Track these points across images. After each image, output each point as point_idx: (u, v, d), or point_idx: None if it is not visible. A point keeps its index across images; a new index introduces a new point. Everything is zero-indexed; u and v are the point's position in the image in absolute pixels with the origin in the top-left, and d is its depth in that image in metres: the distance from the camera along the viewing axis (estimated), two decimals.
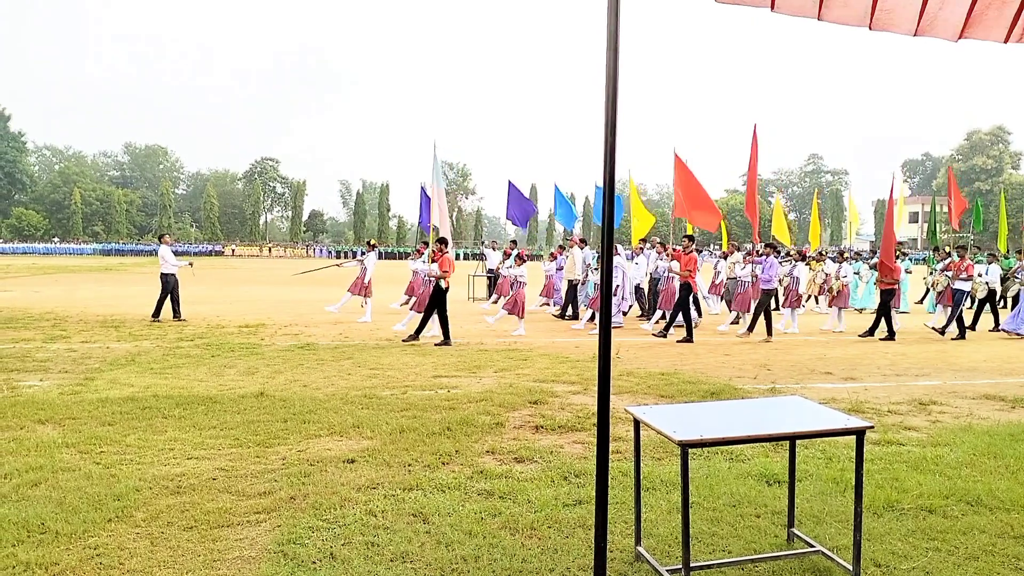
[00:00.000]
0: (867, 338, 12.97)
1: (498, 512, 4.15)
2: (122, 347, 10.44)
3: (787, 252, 17.71)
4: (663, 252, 15.27)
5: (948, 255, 15.74)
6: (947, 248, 17.67)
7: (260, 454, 5.24)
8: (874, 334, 13.10)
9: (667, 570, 3.30)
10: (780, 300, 16.33)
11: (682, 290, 12.63)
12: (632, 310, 16.06)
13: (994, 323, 15.09)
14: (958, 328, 13.61)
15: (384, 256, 67.10)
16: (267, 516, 4.07)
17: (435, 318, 11.43)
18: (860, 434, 3.26)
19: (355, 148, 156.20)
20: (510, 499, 4.38)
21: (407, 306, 13.76)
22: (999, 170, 79.03)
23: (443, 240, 12.24)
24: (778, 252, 16.42)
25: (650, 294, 15.70)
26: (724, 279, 16.11)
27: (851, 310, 16.74)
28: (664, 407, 3.60)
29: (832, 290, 14.84)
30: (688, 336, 12.29)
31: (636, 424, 3.49)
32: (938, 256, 16.72)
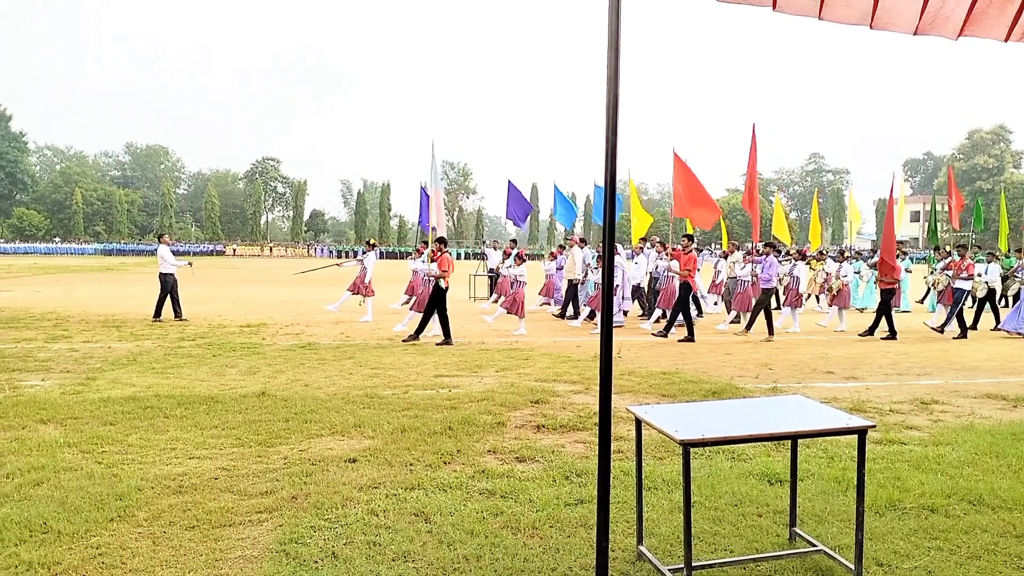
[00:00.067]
0: (867, 337, 12.96)
1: (500, 511, 4.16)
2: (123, 347, 10.46)
3: (787, 251, 17.68)
4: (663, 251, 15.28)
5: (948, 254, 15.73)
6: (947, 247, 17.65)
7: (262, 453, 5.24)
8: (874, 333, 13.07)
9: (669, 569, 3.30)
10: (780, 299, 16.33)
11: (682, 290, 12.64)
12: (632, 308, 16.07)
13: (995, 322, 15.08)
14: (959, 327, 13.60)
15: (385, 256, 67.16)
16: (269, 515, 4.08)
17: (435, 318, 11.44)
18: (862, 433, 3.26)
19: (355, 148, 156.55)
20: (512, 498, 4.38)
21: (407, 306, 13.77)
22: (1000, 169, 78.97)
23: (442, 239, 12.26)
24: (779, 252, 16.41)
25: (650, 293, 15.71)
26: (724, 279, 16.10)
27: (853, 310, 16.73)
28: (666, 406, 3.60)
29: (832, 289, 14.83)
30: (690, 335, 12.29)
31: (638, 423, 3.49)
32: (939, 255, 16.72)
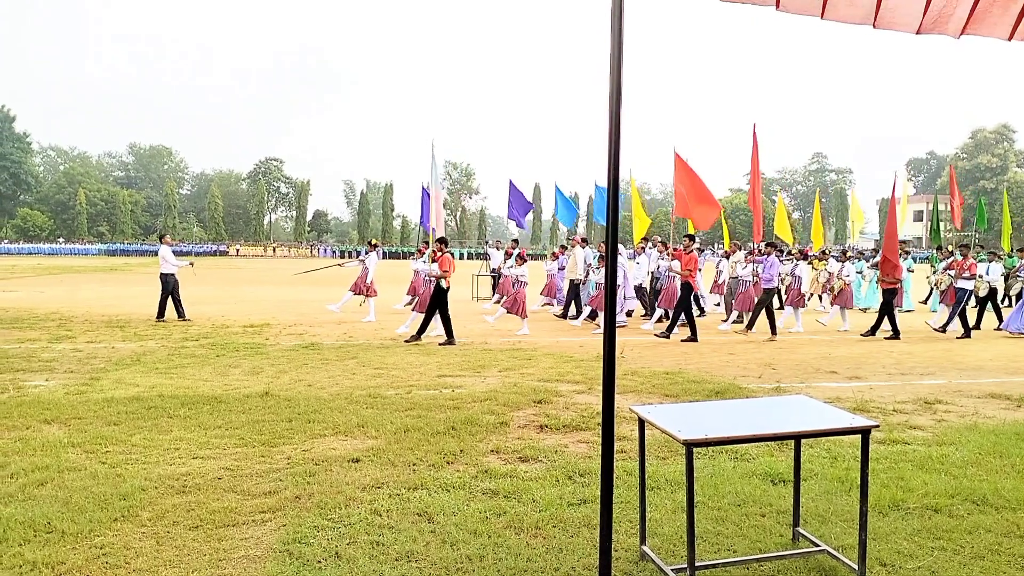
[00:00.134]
0: (870, 337, 12.92)
1: (503, 511, 4.16)
2: (127, 347, 10.48)
3: (788, 251, 17.63)
4: (664, 251, 15.24)
5: (951, 254, 15.68)
6: (949, 247, 17.59)
7: (265, 453, 5.25)
8: (875, 333, 13.03)
9: (672, 569, 3.30)
10: (782, 299, 16.28)
11: (683, 290, 12.61)
12: (636, 308, 16.06)
13: (997, 321, 15.05)
14: (963, 327, 13.56)
15: (388, 256, 67.24)
16: (272, 515, 4.08)
17: (437, 318, 11.44)
18: (865, 433, 3.25)
19: (356, 148, 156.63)
20: (515, 498, 4.38)
21: (410, 307, 13.76)
22: (1004, 168, 78.68)
23: (443, 240, 12.25)
24: (781, 251, 16.37)
25: (651, 293, 15.68)
26: (726, 279, 16.07)
27: (856, 310, 16.70)
28: (669, 406, 3.60)
29: (834, 289, 14.79)
30: (692, 335, 12.27)
31: (641, 423, 3.49)
32: (941, 255, 16.67)
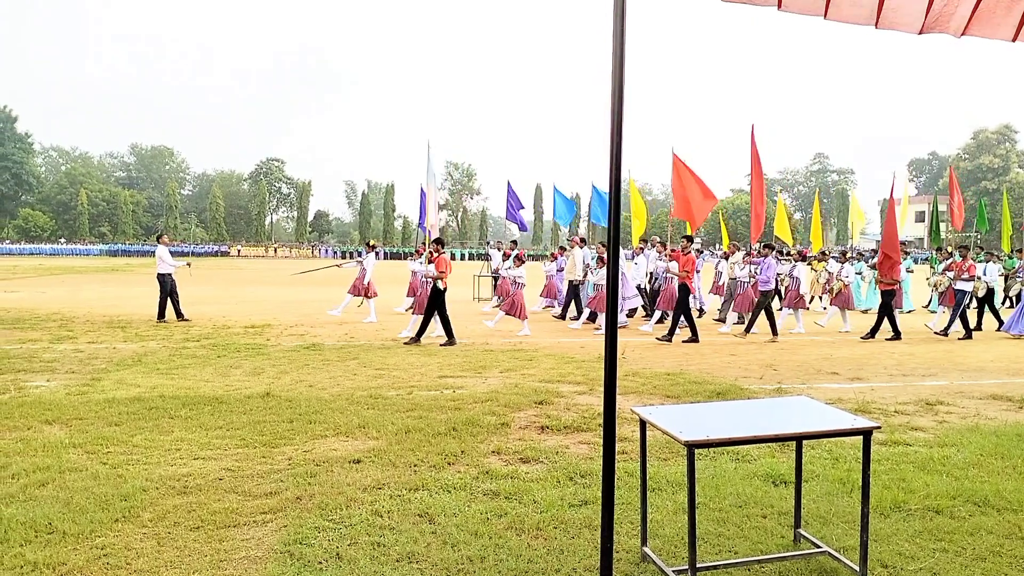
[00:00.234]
0: (870, 340, 12.87)
1: (504, 512, 4.15)
2: (128, 348, 10.48)
3: (787, 251, 17.58)
4: (663, 252, 15.21)
5: (950, 255, 15.63)
6: (949, 248, 17.55)
7: (266, 454, 5.25)
8: (875, 335, 12.97)
9: (673, 571, 3.29)
10: (782, 299, 16.24)
11: (681, 291, 12.57)
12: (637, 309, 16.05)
13: (997, 323, 15.03)
14: (963, 328, 13.53)
15: (389, 256, 67.34)
16: (273, 516, 4.08)
17: (436, 319, 11.42)
18: (867, 434, 3.25)
19: (356, 148, 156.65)
20: (516, 499, 4.38)
21: (411, 311, 13.72)
22: (1006, 169, 78.62)
23: (439, 240, 12.22)
24: (781, 252, 16.34)
25: (649, 294, 15.65)
26: (726, 280, 16.04)
27: (857, 311, 16.67)
28: (670, 407, 3.60)
29: (833, 290, 14.76)
30: (693, 336, 12.27)
31: (642, 424, 3.48)
32: (941, 256, 16.63)
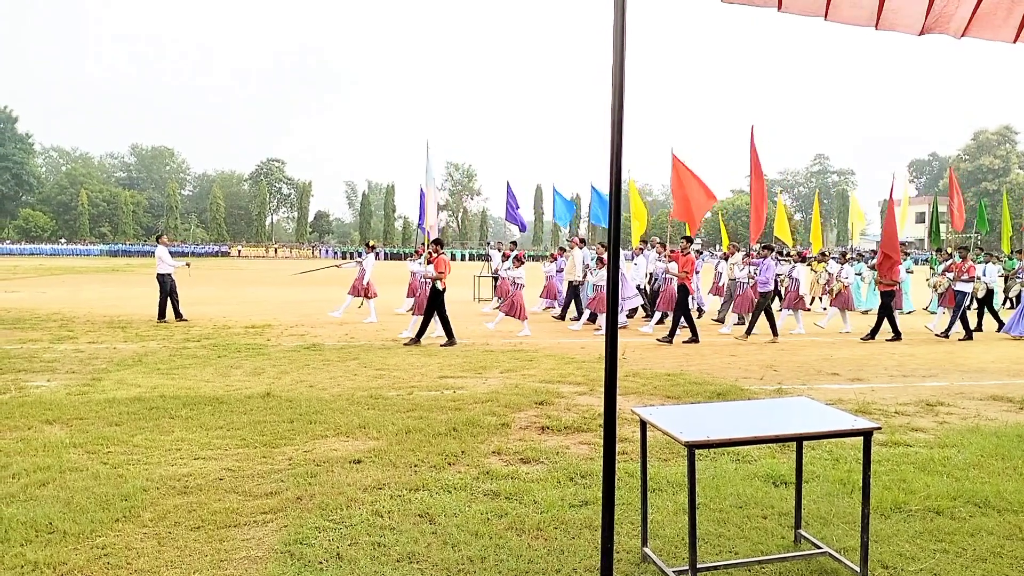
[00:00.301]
0: (869, 341, 12.85)
1: (504, 513, 4.15)
2: (129, 348, 10.49)
3: (787, 252, 17.56)
4: (663, 252, 15.20)
5: (950, 256, 15.61)
6: (948, 249, 17.52)
7: (267, 454, 5.25)
8: (875, 337, 12.95)
9: (674, 571, 3.29)
10: (783, 299, 16.22)
11: (680, 292, 12.55)
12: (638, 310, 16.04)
13: (996, 323, 15.03)
14: (964, 329, 13.52)
15: (390, 257, 67.40)
16: (274, 516, 4.08)
17: (436, 320, 11.41)
18: (867, 435, 3.25)
19: (356, 148, 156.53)
20: (516, 500, 4.38)
21: (411, 312, 13.69)
22: (1006, 170, 78.56)
23: (438, 241, 12.21)
24: (781, 253, 16.32)
25: (649, 295, 15.64)
26: (726, 281, 16.03)
27: (857, 312, 16.66)
28: (670, 408, 3.60)
29: (833, 291, 14.75)
30: (694, 336, 12.27)
31: (642, 425, 3.48)
32: (940, 257, 16.61)
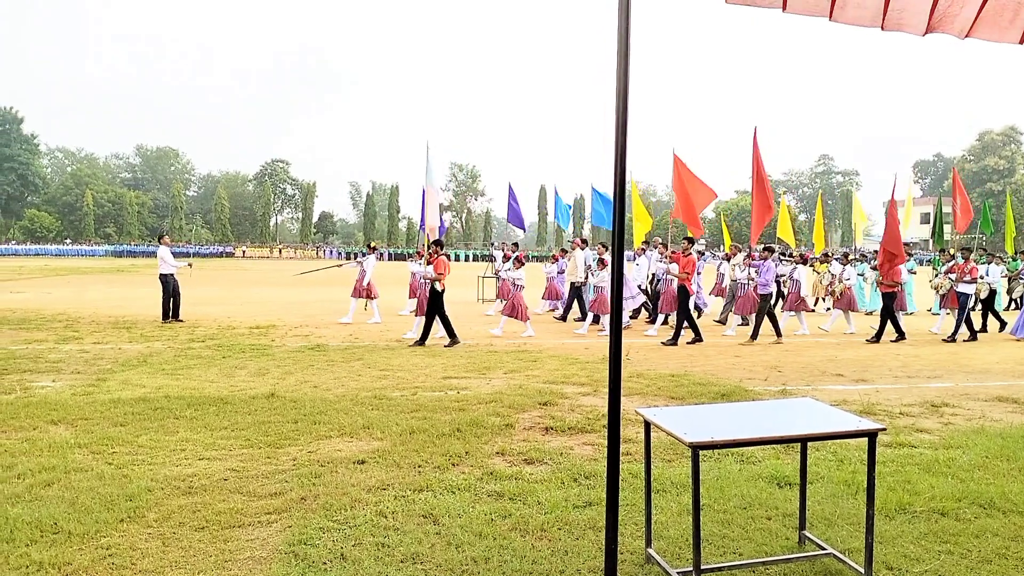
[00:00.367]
0: (874, 343, 12.78)
1: (508, 513, 4.15)
2: (134, 348, 10.51)
3: (789, 253, 17.50)
4: (664, 253, 15.18)
5: (952, 257, 15.54)
6: (951, 250, 17.44)
7: (271, 455, 5.26)
8: (880, 339, 12.89)
9: (678, 572, 3.29)
10: (785, 299, 16.16)
11: (680, 293, 12.50)
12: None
13: (999, 324, 14.97)
14: (968, 330, 13.47)
15: (394, 258, 67.56)
16: (278, 517, 4.09)
17: (439, 321, 11.41)
18: (872, 436, 3.24)
19: (356, 148, 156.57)
20: (520, 500, 4.38)
21: (414, 313, 13.68)
22: (1011, 171, 78.26)
23: (438, 242, 12.21)
24: (783, 254, 16.28)
25: (651, 296, 15.62)
26: (728, 282, 15.98)
27: (861, 312, 16.61)
28: (674, 409, 3.59)
29: (835, 293, 14.71)
30: (696, 336, 12.24)
31: (646, 426, 3.48)
32: (943, 258, 16.55)
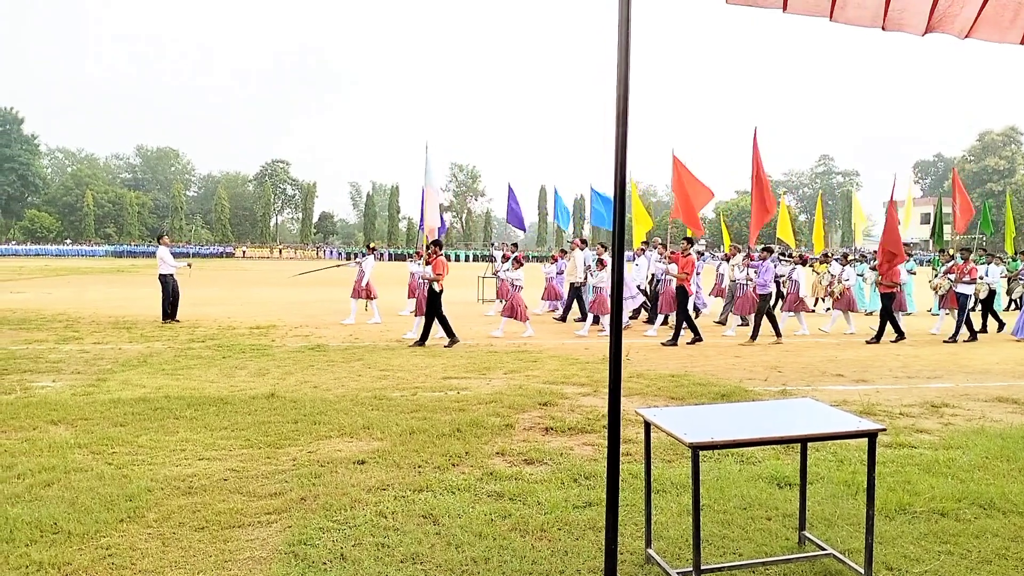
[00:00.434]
0: (874, 344, 12.77)
1: (508, 514, 4.15)
2: (134, 348, 10.51)
3: (788, 253, 17.47)
4: (664, 254, 15.18)
5: (952, 257, 15.53)
6: (951, 250, 17.42)
7: (271, 455, 5.26)
8: (880, 340, 12.89)
9: (677, 572, 3.29)
10: (784, 299, 16.14)
11: (679, 294, 12.49)
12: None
13: (998, 324, 14.96)
14: (968, 330, 13.47)
15: (394, 258, 67.62)
16: (278, 517, 4.09)
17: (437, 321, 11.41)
18: (872, 436, 3.24)
19: (356, 149, 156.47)
20: (520, 501, 4.38)
21: (414, 313, 13.68)
22: (1012, 171, 78.21)
23: (437, 243, 12.21)
24: (783, 254, 16.27)
25: (651, 296, 15.61)
26: (728, 282, 15.97)
27: (861, 313, 16.61)
28: (674, 409, 3.59)
29: (835, 293, 14.70)
30: (696, 336, 12.24)
31: (646, 426, 3.48)
32: (943, 258, 16.54)
